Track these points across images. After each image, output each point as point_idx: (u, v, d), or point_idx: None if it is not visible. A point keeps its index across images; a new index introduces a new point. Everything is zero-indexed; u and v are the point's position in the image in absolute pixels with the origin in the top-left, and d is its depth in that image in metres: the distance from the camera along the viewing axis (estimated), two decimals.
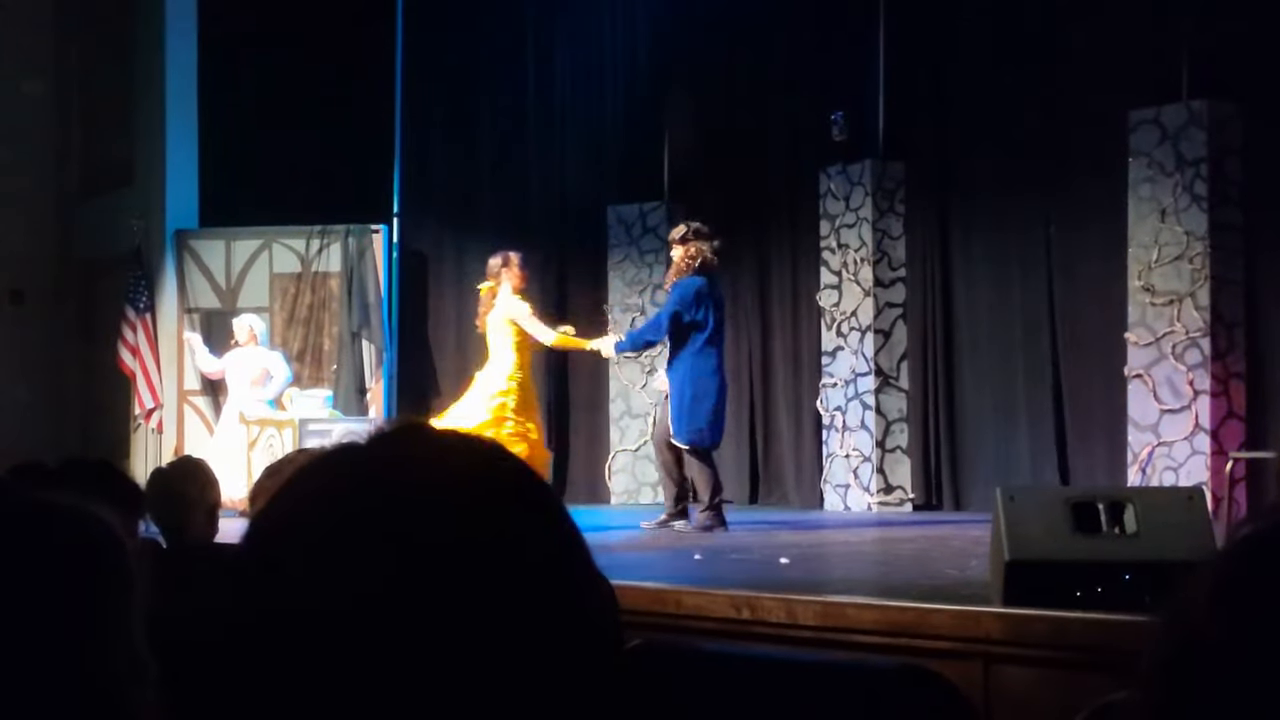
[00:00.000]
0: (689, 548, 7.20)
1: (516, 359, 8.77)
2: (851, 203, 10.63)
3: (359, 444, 0.88)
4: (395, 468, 0.84)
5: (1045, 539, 4.12)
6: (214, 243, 11.93)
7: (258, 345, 11.09)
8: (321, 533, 0.82)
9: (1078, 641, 3.85)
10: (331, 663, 0.78)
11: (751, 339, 11.54)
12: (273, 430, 10.47)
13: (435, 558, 0.80)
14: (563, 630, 0.81)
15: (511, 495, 0.84)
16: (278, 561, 0.82)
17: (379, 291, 11.70)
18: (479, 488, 0.84)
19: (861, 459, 10.52)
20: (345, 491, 0.84)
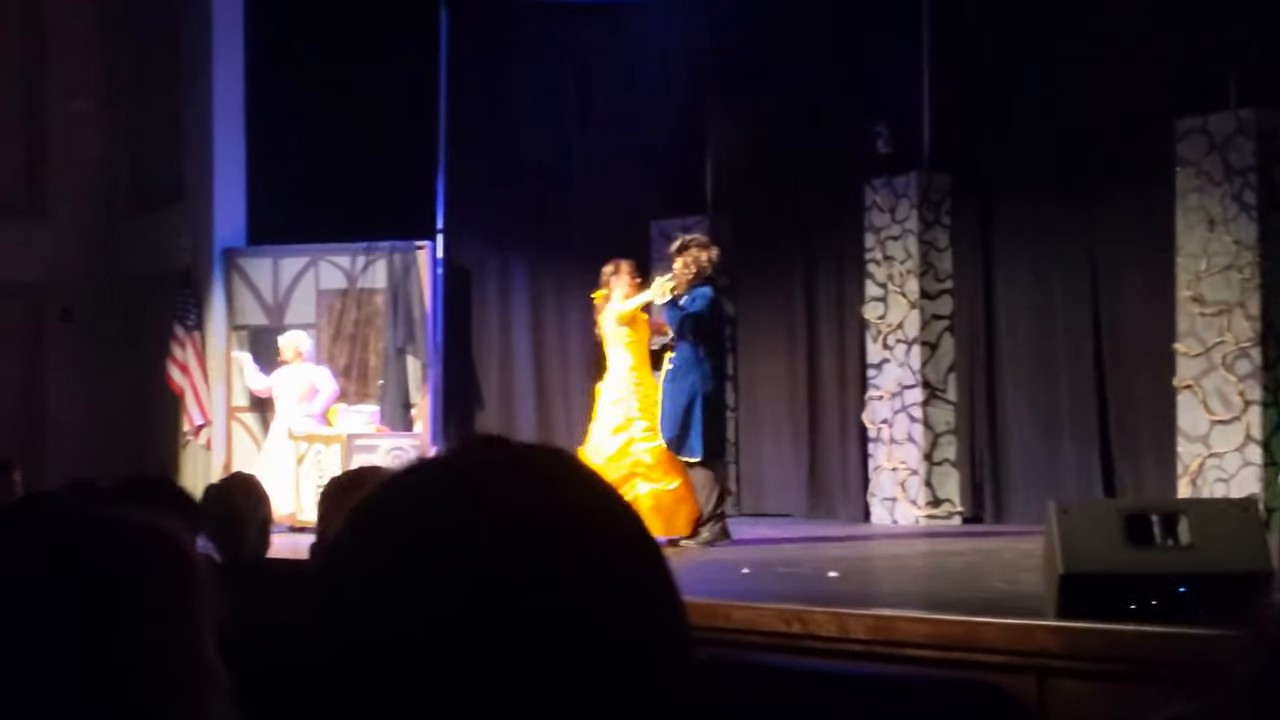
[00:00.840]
0: (737, 561, 7.19)
1: (633, 359, 8.82)
2: (897, 215, 10.60)
3: (438, 464, 0.86)
4: (475, 493, 0.82)
5: (1099, 551, 4.09)
6: (261, 260, 11.99)
7: (304, 362, 11.14)
8: (396, 559, 0.81)
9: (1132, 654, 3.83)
10: (401, 692, 0.77)
11: (797, 352, 11.54)
12: (320, 446, 10.51)
13: (511, 593, 0.78)
14: (637, 691, 0.79)
15: (597, 530, 0.82)
16: (352, 585, 0.81)
17: (424, 307, 11.73)
18: (565, 522, 0.81)
19: (909, 472, 10.49)
20: (421, 517, 0.82)
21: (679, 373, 8.45)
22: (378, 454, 9.97)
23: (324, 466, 10.29)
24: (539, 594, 0.78)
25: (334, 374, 11.31)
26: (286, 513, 10.20)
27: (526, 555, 0.79)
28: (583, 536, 0.81)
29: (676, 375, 8.46)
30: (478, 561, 0.79)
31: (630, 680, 0.78)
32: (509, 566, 0.78)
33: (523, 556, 0.79)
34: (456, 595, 0.78)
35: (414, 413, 11.65)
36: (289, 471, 10.56)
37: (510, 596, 0.78)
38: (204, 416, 11.74)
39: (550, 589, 0.78)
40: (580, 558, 0.80)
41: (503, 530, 0.80)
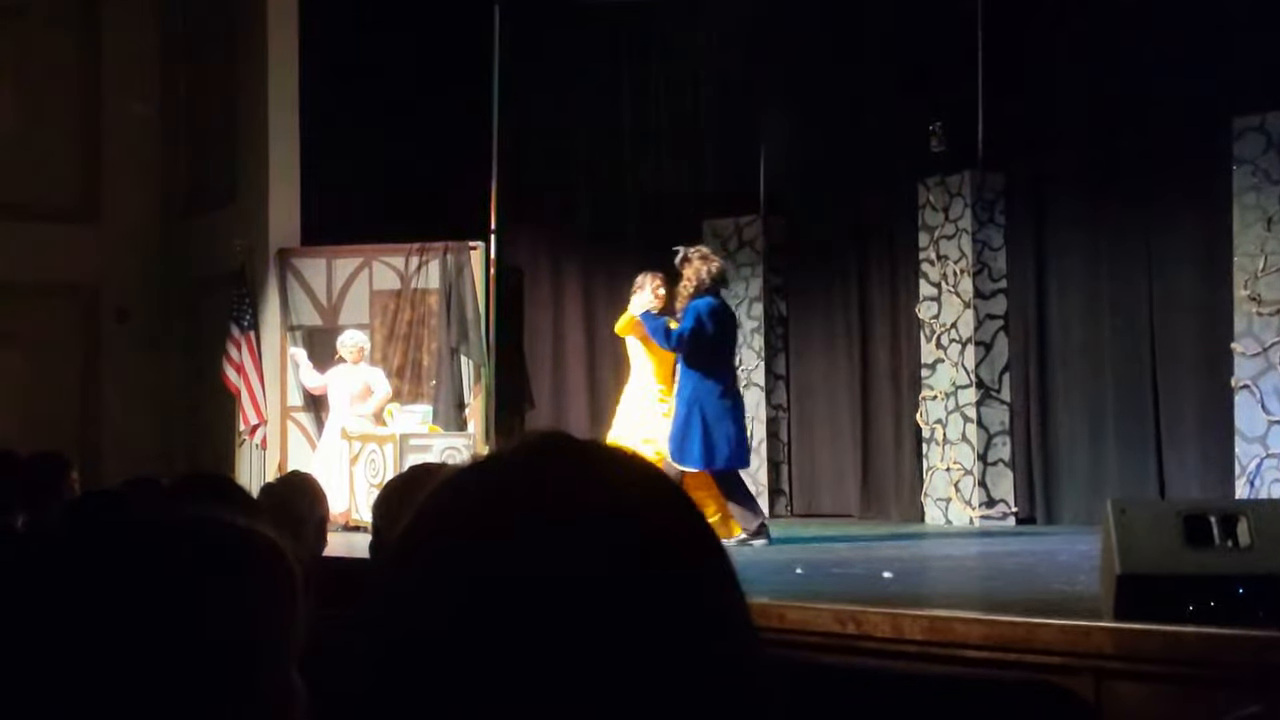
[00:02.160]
0: (791, 562, 7.20)
1: (652, 367, 8.91)
2: (951, 214, 10.57)
3: (502, 461, 0.86)
4: (540, 494, 0.82)
5: (1157, 552, 4.05)
6: (315, 261, 12.05)
7: (360, 362, 11.16)
8: (462, 557, 0.80)
9: (1192, 656, 3.81)
10: (464, 690, 0.77)
11: (851, 352, 11.54)
12: (374, 446, 10.52)
13: (577, 592, 0.78)
14: (705, 690, 0.79)
15: (662, 529, 0.82)
16: (419, 583, 0.81)
17: (477, 307, 11.77)
18: (628, 520, 0.81)
19: (963, 472, 10.45)
20: (487, 515, 0.81)
21: (680, 388, 8.56)
22: (431, 454, 9.97)
23: (377, 466, 10.34)
24: (605, 592, 0.78)
25: (387, 374, 11.35)
26: (340, 511, 10.22)
27: (592, 553, 0.79)
28: (647, 534, 0.81)
29: (679, 391, 8.57)
30: (543, 560, 0.78)
31: (698, 679, 0.78)
32: (575, 565, 0.78)
33: (588, 555, 0.79)
34: (522, 594, 0.78)
35: (467, 412, 11.68)
36: (343, 471, 10.59)
37: (576, 595, 0.78)
38: (259, 416, 11.80)
39: (616, 587, 0.78)
40: (645, 556, 0.80)
41: (568, 528, 0.80)
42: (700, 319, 8.51)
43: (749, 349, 11.82)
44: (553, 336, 12.45)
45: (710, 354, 8.50)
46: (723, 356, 8.58)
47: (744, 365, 11.73)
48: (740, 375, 11.62)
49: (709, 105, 11.91)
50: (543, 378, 12.43)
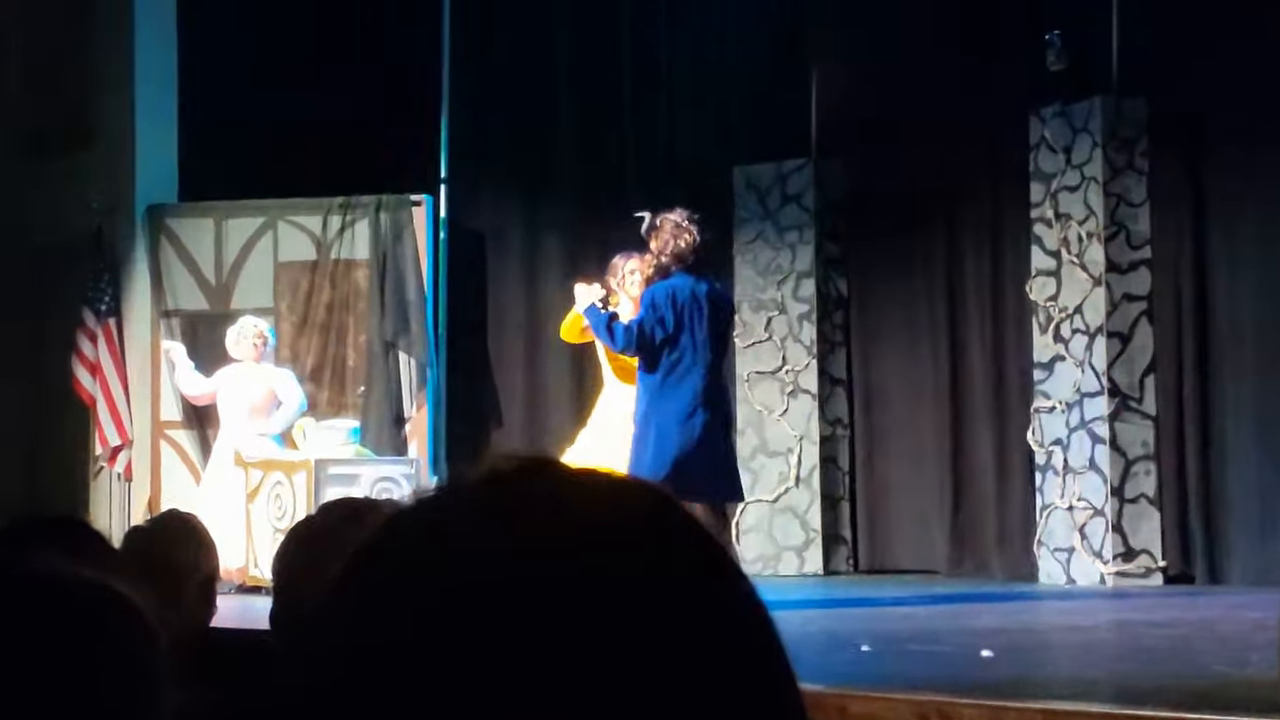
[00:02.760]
0: (855, 635, 7.23)
1: (618, 377, 9.21)
2: (1074, 157, 10.58)
3: (462, 500, 0.88)
4: (517, 546, 0.84)
5: None
6: (199, 222, 12.04)
7: (262, 360, 11.19)
8: (403, 644, 0.83)
9: None
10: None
11: (936, 347, 11.54)
12: (280, 476, 10.55)
13: (590, 679, 0.81)
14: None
15: (691, 590, 0.85)
16: (342, 677, 0.84)
17: (421, 286, 11.77)
18: (647, 580, 0.84)
19: (1091, 512, 10.45)
20: (442, 580, 0.84)
21: (636, 403, 8.78)
22: (358, 486, 10.00)
23: (285, 504, 10.36)
24: (624, 677, 0.81)
25: (298, 377, 11.35)
26: (235, 566, 10.21)
27: (607, 628, 0.82)
28: (679, 601, 0.84)
29: (636, 407, 8.78)
30: (526, 642, 0.81)
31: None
32: (570, 650, 0.81)
33: (603, 630, 0.82)
34: (498, 687, 0.81)
35: (407, 430, 11.67)
36: (238, 509, 10.61)
37: (588, 682, 0.81)
38: (122, 435, 11.83)
39: (641, 672, 0.81)
40: (677, 629, 0.83)
41: (557, 595, 0.82)
42: (653, 308, 8.65)
43: (795, 342, 11.84)
44: (527, 325, 12.41)
45: (669, 357, 8.68)
46: (688, 360, 8.73)
47: (790, 365, 11.78)
48: (785, 378, 11.75)
49: (742, 18, 11.93)
50: (512, 382, 12.41)
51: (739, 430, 11.66)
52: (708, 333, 8.78)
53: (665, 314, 8.65)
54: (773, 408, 11.83)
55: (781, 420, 11.81)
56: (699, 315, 8.77)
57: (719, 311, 8.93)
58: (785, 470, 11.68)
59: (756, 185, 11.92)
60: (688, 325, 8.70)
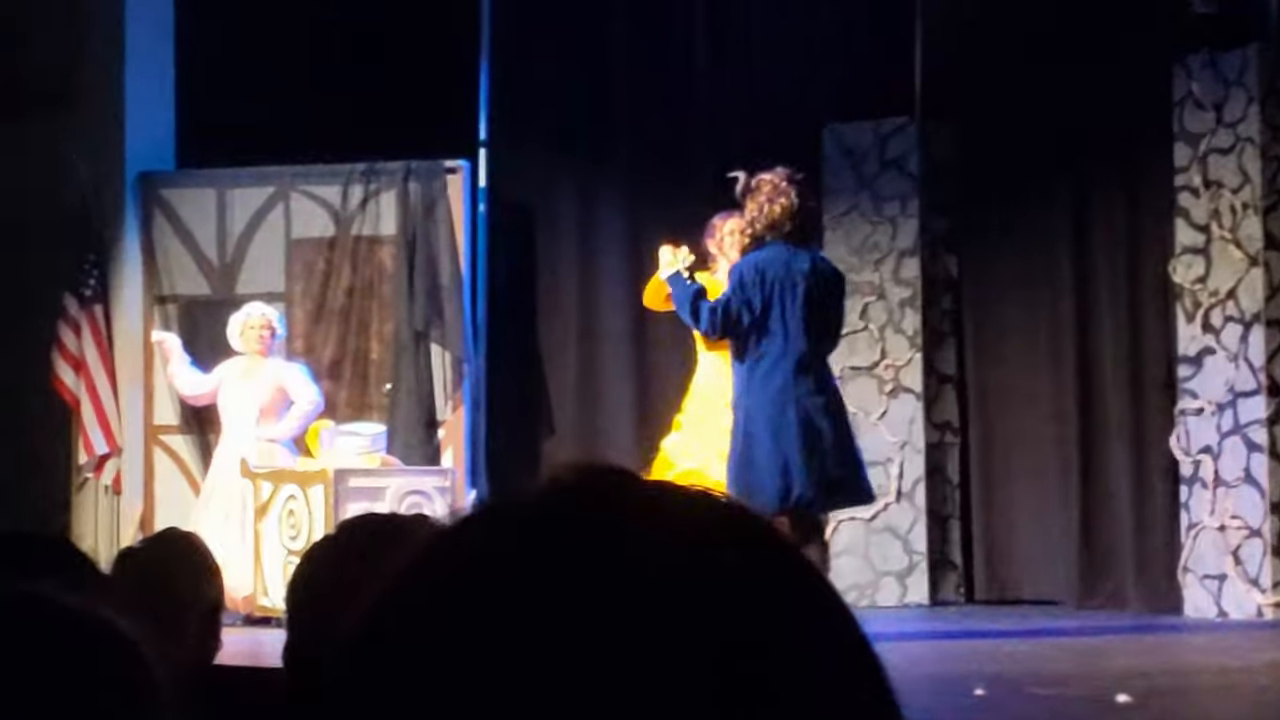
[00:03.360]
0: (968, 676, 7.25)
1: (714, 358, 9.26)
2: (1226, 114, 10.53)
3: (516, 521, 0.90)
4: (592, 563, 0.87)
5: None
6: (199, 193, 12.04)
7: (270, 354, 11.20)
8: (478, 677, 0.85)
9: None
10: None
11: (1062, 338, 11.53)
12: (293, 489, 10.57)
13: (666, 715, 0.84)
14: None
15: (795, 627, 0.88)
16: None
17: (458, 266, 11.75)
18: (743, 612, 0.86)
19: (1246, 533, 10.41)
20: (513, 608, 0.86)
21: (734, 391, 8.88)
22: (384, 500, 10.03)
23: (299, 521, 10.37)
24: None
25: (314, 374, 11.35)
26: (242, 594, 10.24)
27: (691, 674, 0.84)
28: (770, 640, 0.86)
29: (734, 395, 8.88)
30: (619, 689, 0.84)
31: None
32: (668, 692, 0.84)
33: (686, 676, 0.84)
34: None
35: (441, 435, 11.67)
36: (245, 528, 10.62)
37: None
38: (110, 442, 11.83)
39: (730, 717, 0.84)
40: (767, 671, 0.85)
41: (637, 632, 0.84)
42: (740, 287, 8.70)
43: (896, 333, 11.85)
44: (580, 312, 12.42)
45: (757, 344, 8.74)
46: (778, 348, 8.79)
47: (890, 360, 11.80)
48: (884, 375, 11.78)
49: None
50: (565, 379, 12.40)
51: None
52: (804, 315, 8.81)
53: (753, 294, 8.71)
54: (869, 409, 11.79)
55: (880, 424, 11.81)
56: (793, 294, 8.82)
57: (822, 290, 8.93)
58: (884, 483, 11.60)
59: (851, 148, 11.93)
60: (778, 306, 8.74)
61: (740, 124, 11.92)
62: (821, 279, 8.96)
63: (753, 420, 8.72)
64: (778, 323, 8.75)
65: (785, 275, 8.77)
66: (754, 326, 8.74)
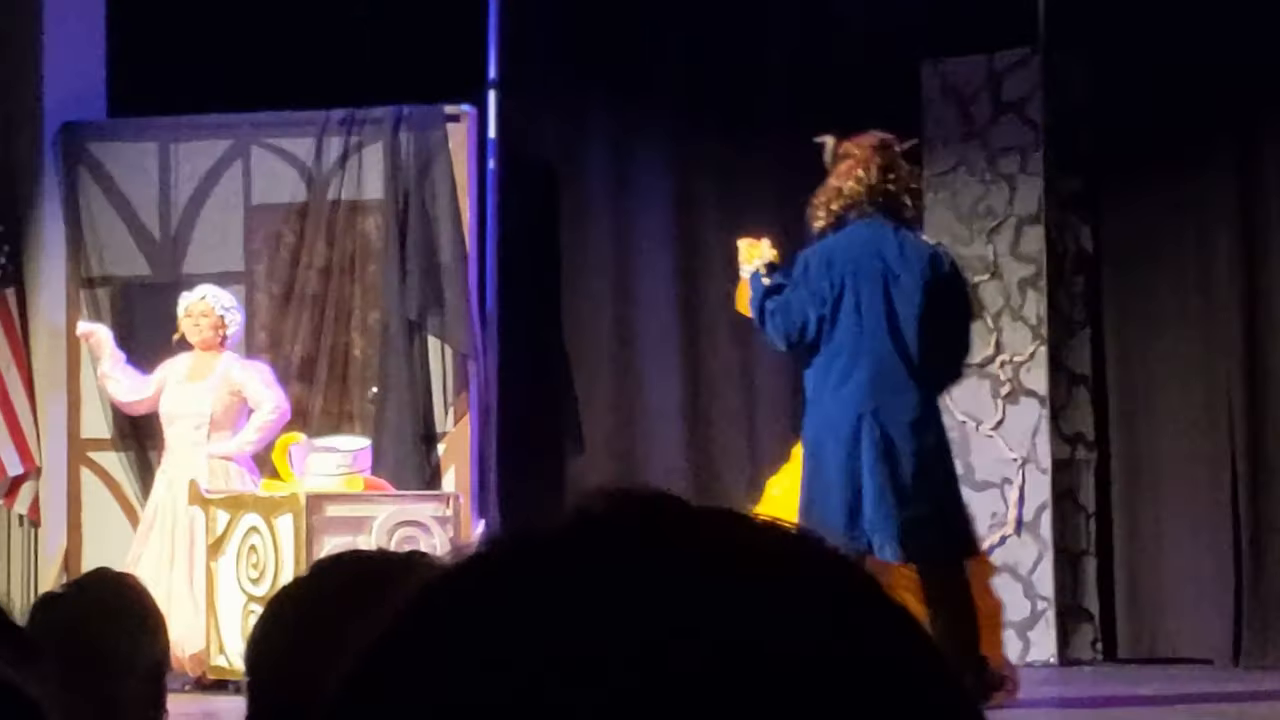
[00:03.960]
0: None
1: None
2: None
3: (544, 560, 0.95)
4: (632, 615, 0.91)
5: None
6: (136, 148, 12.05)
7: (225, 349, 11.11)
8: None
9: None
10: None
11: (1221, 331, 11.48)
12: (255, 518, 10.44)
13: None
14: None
15: (864, 668, 0.93)
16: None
17: (461, 239, 11.70)
18: (806, 663, 0.92)
19: None
20: (534, 673, 0.91)
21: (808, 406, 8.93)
22: (369, 533, 10.03)
23: (262, 558, 10.31)
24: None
25: (282, 374, 11.34)
26: (191, 651, 10.29)
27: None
28: (852, 710, 0.93)
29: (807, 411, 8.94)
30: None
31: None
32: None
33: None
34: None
35: (441, 451, 11.66)
36: (194, 568, 10.61)
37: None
38: (25, 461, 11.85)
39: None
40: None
41: (702, 694, 0.91)
42: (804, 276, 8.75)
43: (1016, 321, 11.75)
44: (615, 298, 12.34)
45: (828, 347, 8.75)
46: (848, 352, 8.77)
47: (1008, 355, 11.65)
48: (999, 374, 11.67)
49: None
50: (597, 382, 12.33)
51: None
52: (885, 312, 8.76)
53: (819, 286, 8.73)
54: (981, 417, 11.78)
55: (994, 436, 11.75)
56: (872, 285, 8.78)
57: (918, 283, 8.80)
58: (1000, 510, 11.62)
59: (957, 88, 11.85)
60: (851, 299, 8.75)
61: (817, 57, 12.00)
62: (919, 269, 8.83)
63: (821, 442, 8.81)
64: (850, 320, 8.74)
65: (863, 263, 8.74)
66: (822, 326, 8.73)
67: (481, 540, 0.98)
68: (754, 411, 12.24)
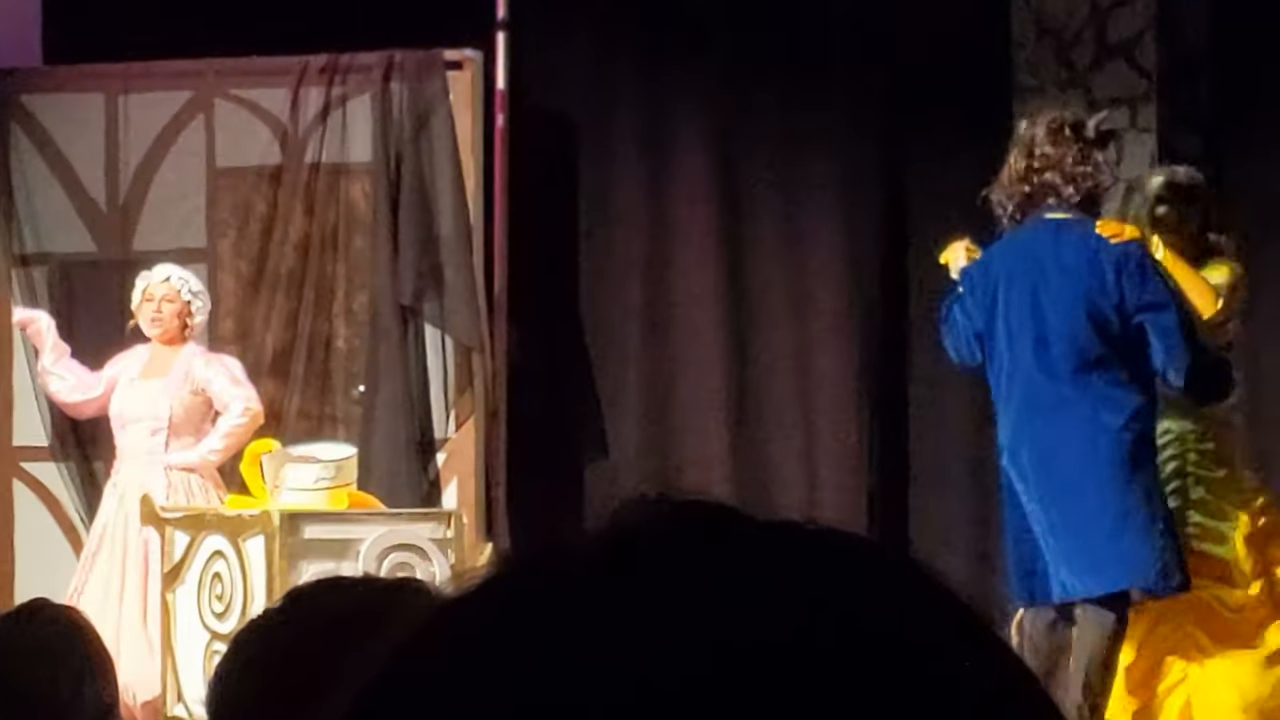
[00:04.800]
0: None
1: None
2: None
3: (565, 577, 0.96)
4: (678, 647, 0.92)
5: None
6: (79, 100, 12.22)
7: (188, 340, 11.26)
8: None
9: None
10: None
11: None
12: (219, 540, 10.56)
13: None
14: None
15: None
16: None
17: (464, 209, 11.83)
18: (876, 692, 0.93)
19: None
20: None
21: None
22: (355, 558, 10.16)
23: (227, 588, 10.46)
24: None
25: (253, 369, 11.48)
26: (144, 698, 10.39)
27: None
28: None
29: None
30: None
31: None
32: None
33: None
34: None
35: (441, 461, 11.80)
36: (147, 599, 10.75)
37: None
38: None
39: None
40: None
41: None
42: (966, 294, 8.93)
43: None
44: (648, 276, 12.43)
45: (990, 369, 8.96)
46: (1005, 375, 8.96)
47: None
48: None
49: None
50: (624, 376, 12.41)
51: None
52: (1033, 324, 8.88)
53: (976, 298, 8.94)
54: None
55: None
56: (1025, 295, 8.90)
57: (1080, 285, 8.89)
58: None
59: (1054, 28, 11.93)
60: (1001, 314, 8.89)
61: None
62: (1082, 268, 8.91)
63: (1004, 484, 9.07)
64: (1001, 340, 8.92)
65: (1018, 268, 8.89)
66: (983, 344, 8.95)
67: (492, 564, 0.98)
68: (810, 403, 12.29)
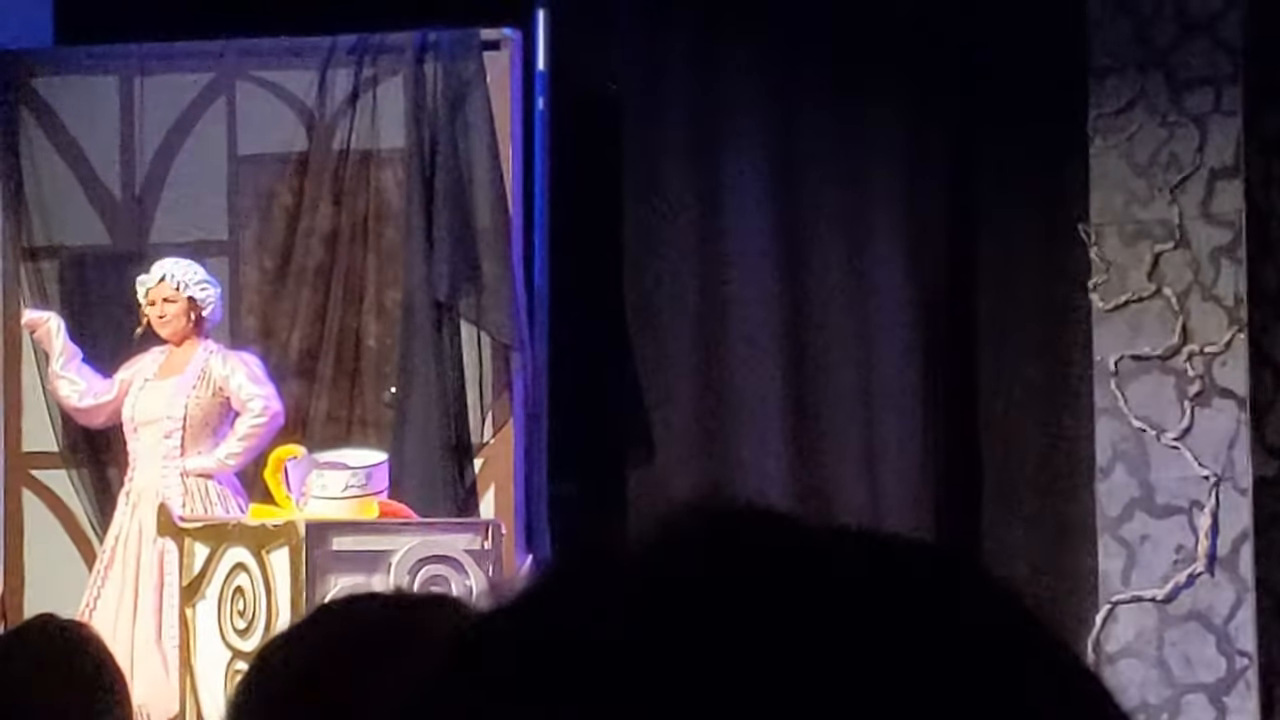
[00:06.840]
0: None
1: None
2: None
3: (612, 589, 0.98)
4: (736, 664, 0.94)
5: None
6: (92, 83, 12.19)
7: (204, 338, 11.17)
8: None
9: None
10: None
11: None
12: (241, 553, 10.52)
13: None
14: None
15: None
16: None
17: (504, 198, 11.78)
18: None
19: None
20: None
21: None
22: (387, 571, 10.14)
23: (250, 604, 10.41)
24: None
25: (275, 370, 11.43)
26: (161, 716, 10.35)
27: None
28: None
29: None
30: None
31: None
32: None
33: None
34: None
35: (478, 467, 11.76)
36: (164, 614, 10.70)
37: None
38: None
39: None
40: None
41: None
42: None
43: (1207, 301, 11.78)
44: (699, 272, 12.33)
45: None
46: None
47: (1195, 343, 11.76)
48: (1186, 369, 11.77)
49: None
50: (675, 378, 12.33)
51: (1098, 468, 11.94)
52: None
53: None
54: (1163, 424, 11.78)
55: (1180, 447, 11.74)
56: None
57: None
58: (1188, 543, 11.61)
59: (1129, 6, 11.84)
60: None
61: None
62: None
63: None
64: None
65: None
66: None
67: (533, 574, 0.99)
68: (873, 401, 12.26)
